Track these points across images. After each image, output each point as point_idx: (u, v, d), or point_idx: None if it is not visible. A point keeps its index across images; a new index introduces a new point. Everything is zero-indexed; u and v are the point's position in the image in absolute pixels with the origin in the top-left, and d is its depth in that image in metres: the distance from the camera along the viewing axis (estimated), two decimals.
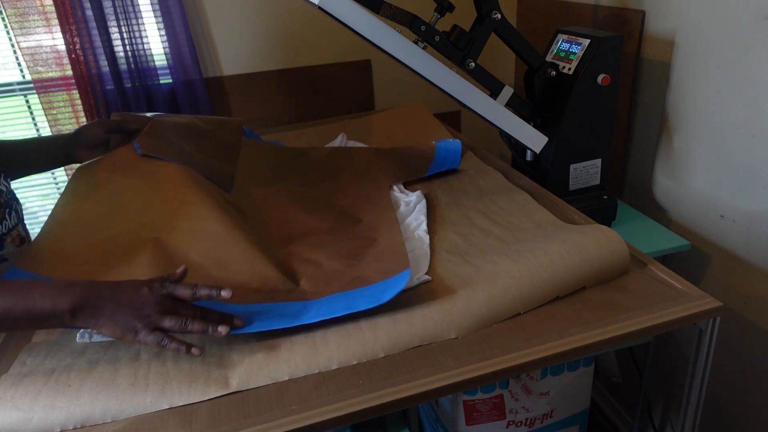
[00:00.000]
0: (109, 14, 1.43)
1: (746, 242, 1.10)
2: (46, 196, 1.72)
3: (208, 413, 0.65)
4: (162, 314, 0.66)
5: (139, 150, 0.98)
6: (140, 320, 0.65)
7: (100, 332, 0.66)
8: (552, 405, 1.02)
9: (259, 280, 0.82)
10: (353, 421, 0.64)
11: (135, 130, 1.04)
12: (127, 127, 1.04)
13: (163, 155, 0.99)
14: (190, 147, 1.08)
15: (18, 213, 0.90)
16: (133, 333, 0.65)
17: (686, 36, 1.15)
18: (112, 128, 1.03)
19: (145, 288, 0.67)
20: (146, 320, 0.65)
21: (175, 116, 1.17)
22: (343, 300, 0.76)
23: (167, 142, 1.05)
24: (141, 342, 0.66)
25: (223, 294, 0.68)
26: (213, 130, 1.19)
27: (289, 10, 1.61)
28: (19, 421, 0.63)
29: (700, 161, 1.18)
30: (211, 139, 1.16)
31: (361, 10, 0.90)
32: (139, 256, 0.81)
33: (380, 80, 1.78)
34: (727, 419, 1.25)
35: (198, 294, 0.68)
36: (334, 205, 1.11)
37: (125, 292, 0.66)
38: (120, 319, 0.65)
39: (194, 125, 1.16)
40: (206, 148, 1.11)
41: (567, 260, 0.81)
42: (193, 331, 0.67)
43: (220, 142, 1.18)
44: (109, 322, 0.65)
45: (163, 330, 0.66)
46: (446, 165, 1.24)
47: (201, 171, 1.01)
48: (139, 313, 0.65)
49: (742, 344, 1.17)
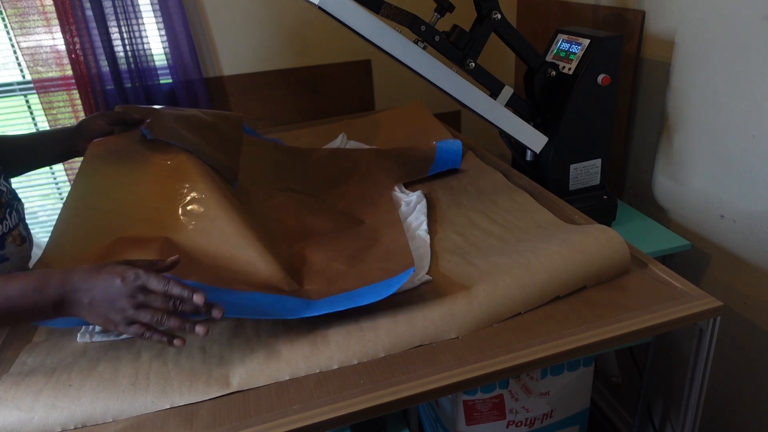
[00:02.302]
0: (109, 14, 1.43)
1: (746, 242, 1.11)
2: (46, 196, 1.72)
3: (209, 413, 0.65)
4: (136, 308, 0.64)
5: (148, 135, 0.97)
6: (116, 314, 0.64)
7: (87, 321, 0.65)
8: (552, 405, 1.02)
9: (265, 279, 0.82)
10: (353, 421, 0.64)
11: (138, 121, 1.02)
12: (130, 118, 1.02)
13: (172, 140, 0.97)
14: (196, 137, 1.06)
15: (19, 212, 0.90)
16: (113, 324, 0.64)
17: (686, 36, 1.15)
18: (115, 120, 1.01)
19: (118, 279, 0.64)
20: (122, 314, 0.64)
21: (179, 109, 1.16)
22: (345, 298, 0.76)
23: (174, 130, 1.03)
24: (123, 332, 0.64)
25: (195, 299, 0.64)
26: (216, 123, 1.17)
27: (290, 10, 1.61)
28: (19, 421, 0.63)
29: (700, 161, 1.18)
30: (214, 131, 1.14)
31: (361, 10, 0.90)
32: (150, 256, 0.81)
33: (380, 80, 1.78)
34: (727, 419, 1.25)
35: (170, 291, 0.65)
36: (336, 206, 1.10)
37: (99, 283, 0.64)
38: (96, 310, 0.64)
39: (197, 117, 1.15)
40: (211, 139, 1.10)
41: (567, 260, 0.81)
42: (170, 327, 0.64)
43: (224, 136, 1.16)
44: (89, 314, 0.64)
45: (141, 323, 0.64)
46: (447, 165, 1.24)
47: (208, 162, 0.99)
48: (113, 306, 0.64)
49: (742, 344, 1.17)
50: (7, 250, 0.84)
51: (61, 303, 0.64)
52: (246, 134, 1.26)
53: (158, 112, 1.06)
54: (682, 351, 1.33)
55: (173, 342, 0.65)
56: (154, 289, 0.64)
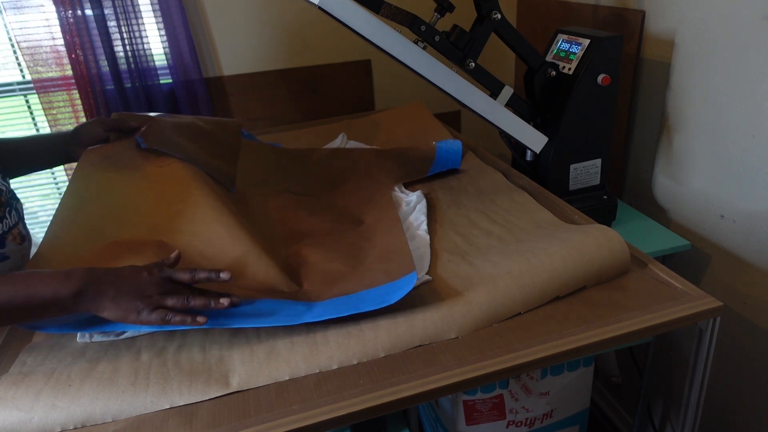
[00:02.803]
0: (109, 14, 1.43)
1: (746, 242, 1.11)
2: (46, 196, 1.72)
3: (208, 413, 0.65)
4: (163, 294, 0.68)
5: (142, 144, 0.98)
6: (142, 300, 0.67)
7: (102, 315, 0.67)
8: (552, 405, 1.02)
9: (263, 281, 0.82)
10: (353, 421, 0.64)
11: (134, 128, 1.03)
12: (126, 125, 1.03)
13: (166, 149, 0.99)
14: (192, 145, 1.07)
15: (18, 211, 0.90)
16: (136, 313, 0.67)
17: (686, 36, 1.15)
18: (111, 127, 1.02)
19: (144, 272, 0.69)
20: (148, 300, 0.67)
21: (176, 116, 1.17)
22: (347, 303, 0.76)
23: (169, 138, 1.04)
24: (144, 321, 0.67)
25: (222, 276, 0.70)
26: (213, 130, 1.19)
27: (289, 10, 1.61)
28: (19, 421, 0.63)
29: (700, 161, 1.18)
30: (212, 138, 1.16)
31: (361, 10, 0.90)
32: (145, 259, 0.81)
33: (380, 80, 1.78)
34: (727, 419, 1.25)
35: (197, 277, 0.70)
36: (336, 206, 1.10)
37: (125, 276, 0.68)
38: (122, 300, 0.66)
39: (195, 125, 1.16)
40: (208, 147, 1.11)
41: (567, 260, 0.81)
42: (196, 306, 0.68)
43: (221, 143, 1.17)
44: (112, 304, 0.66)
45: (165, 308, 0.68)
46: (447, 165, 1.24)
47: (204, 169, 1.00)
48: (141, 293, 0.67)
49: (742, 344, 1.17)
50: (8, 249, 0.84)
51: (83, 293, 0.65)
52: (245, 139, 1.26)
53: (154, 120, 1.07)
54: (682, 351, 1.33)
55: (197, 319, 0.68)
56: (180, 279, 0.70)
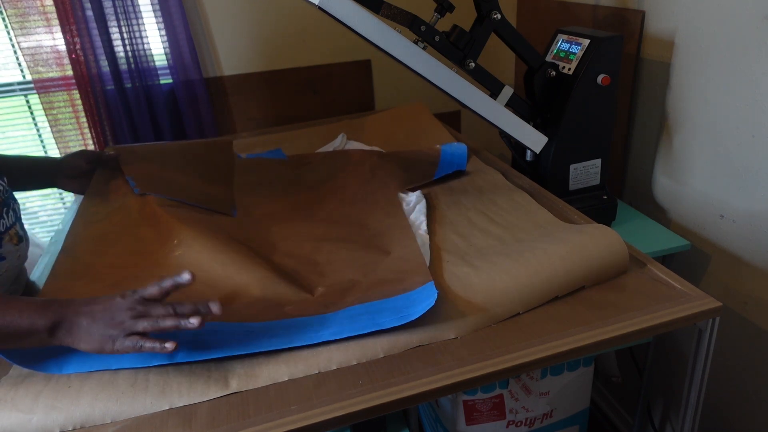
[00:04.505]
0: (109, 14, 1.43)
1: (746, 242, 1.10)
2: (46, 196, 1.72)
3: (208, 414, 0.65)
4: (135, 318, 0.65)
5: (136, 190, 1.05)
6: (114, 328, 0.64)
7: (80, 348, 0.66)
8: (552, 405, 1.02)
9: (271, 297, 0.80)
10: (353, 421, 0.64)
11: (112, 158, 1.13)
12: (105, 156, 1.13)
13: (160, 192, 1.04)
14: (185, 178, 1.12)
15: (16, 212, 0.90)
16: (111, 342, 0.64)
17: (686, 36, 1.15)
18: (92, 159, 1.12)
19: (118, 297, 0.66)
20: (120, 327, 0.65)
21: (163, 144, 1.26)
22: (364, 315, 0.74)
23: (160, 178, 1.10)
24: (119, 351, 0.65)
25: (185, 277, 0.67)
26: (202, 154, 1.23)
27: (290, 11, 1.61)
28: (19, 422, 0.63)
29: (700, 161, 1.18)
30: (203, 162, 1.20)
31: (361, 10, 0.90)
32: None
33: (380, 80, 1.78)
34: (727, 419, 1.25)
35: (164, 286, 0.67)
36: (343, 213, 1.09)
37: (99, 303, 0.66)
38: (95, 331, 0.65)
39: (184, 151, 1.22)
40: (201, 172, 1.15)
41: (566, 260, 0.81)
42: (166, 328, 0.65)
43: (212, 165, 1.21)
44: (86, 337, 0.65)
45: (138, 333, 0.65)
46: (453, 167, 1.22)
47: (199, 202, 1.03)
48: (113, 321, 0.65)
49: (742, 344, 1.17)
50: (4, 249, 0.84)
51: (58, 326, 0.65)
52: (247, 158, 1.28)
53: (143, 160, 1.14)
54: (682, 351, 1.33)
55: (164, 346, 0.65)
56: (150, 294, 0.67)
